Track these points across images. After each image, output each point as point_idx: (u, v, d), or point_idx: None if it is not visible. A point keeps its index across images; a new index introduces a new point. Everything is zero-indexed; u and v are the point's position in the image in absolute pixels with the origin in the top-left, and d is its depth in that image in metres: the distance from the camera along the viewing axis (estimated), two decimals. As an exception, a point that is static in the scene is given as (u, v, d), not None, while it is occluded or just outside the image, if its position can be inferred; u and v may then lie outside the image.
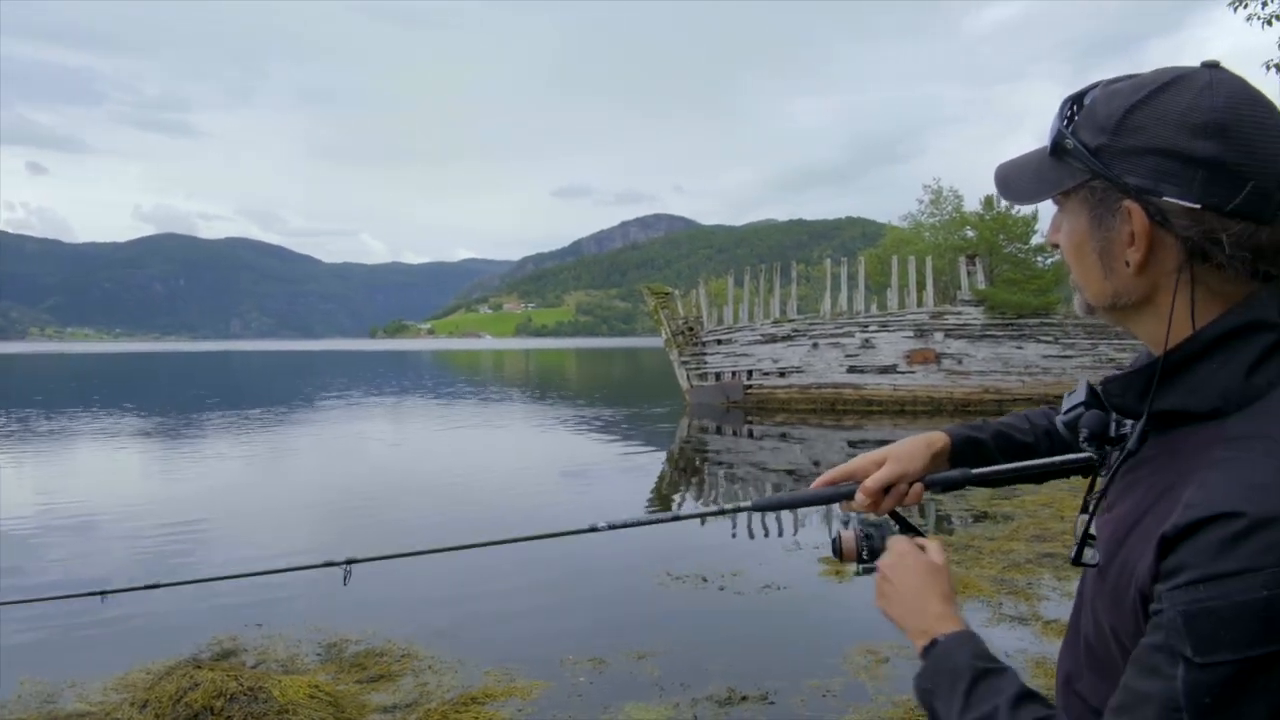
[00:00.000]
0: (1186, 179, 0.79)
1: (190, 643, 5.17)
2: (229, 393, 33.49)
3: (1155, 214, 0.81)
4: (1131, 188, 0.82)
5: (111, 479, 12.57)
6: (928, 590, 1.04)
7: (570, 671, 4.67)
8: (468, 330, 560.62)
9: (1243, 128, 0.79)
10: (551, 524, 6.31)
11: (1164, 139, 0.80)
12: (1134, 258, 0.84)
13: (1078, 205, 0.89)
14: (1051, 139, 0.90)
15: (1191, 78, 0.82)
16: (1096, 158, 0.84)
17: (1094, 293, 0.91)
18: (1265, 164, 0.78)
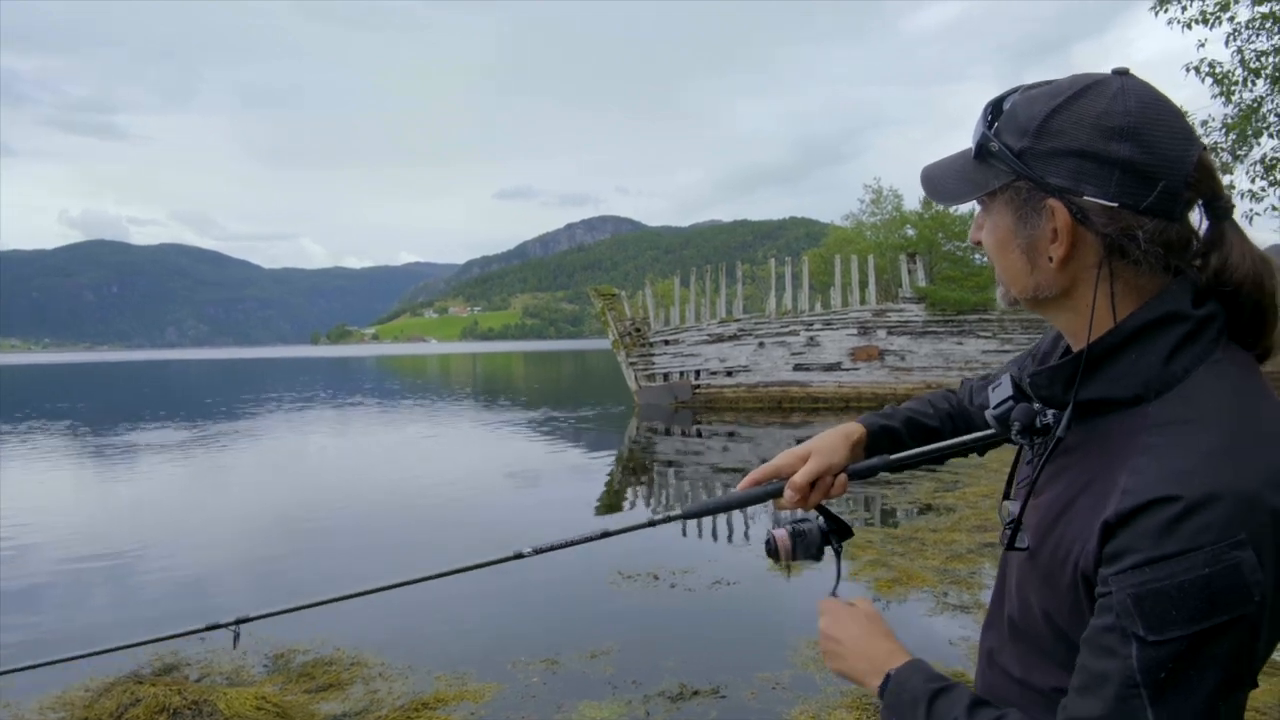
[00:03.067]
0: (1104, 179, 0.85)
1: (130, 658, 5.02)
2: (160, 403, 32.51)
3: (1076, 212, 0.87)
4: (1054, 188, 0.87)
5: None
6: (871, 636, 1.09)
7: (523, 673, 4.67)
8: (413, 335, 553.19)
9: (1152, 131, 0.84)
10: (494, 536, 6.36)
11: (1082, 142, 0.86)
12: (1057, 253, 0.89)
13: (1002, 205, 0.94)
14: (976, 142, 0.95)
15: (1104, 84, 0.88)
16: (1020, 160, 0.89)
17: (1018, 287, 0.96)
18: (1173, 165, 0.84)
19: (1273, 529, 0.75)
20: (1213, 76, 9.73)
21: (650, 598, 6.05)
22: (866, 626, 1.11)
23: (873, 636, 1.09)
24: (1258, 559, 0.74)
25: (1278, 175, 9.75)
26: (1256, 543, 0.74)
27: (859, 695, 4.13)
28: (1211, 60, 9.82)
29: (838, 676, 1.12)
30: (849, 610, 1.13)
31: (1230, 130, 9.59)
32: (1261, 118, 9.51)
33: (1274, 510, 0.75)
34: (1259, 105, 9.53)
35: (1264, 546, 0.74)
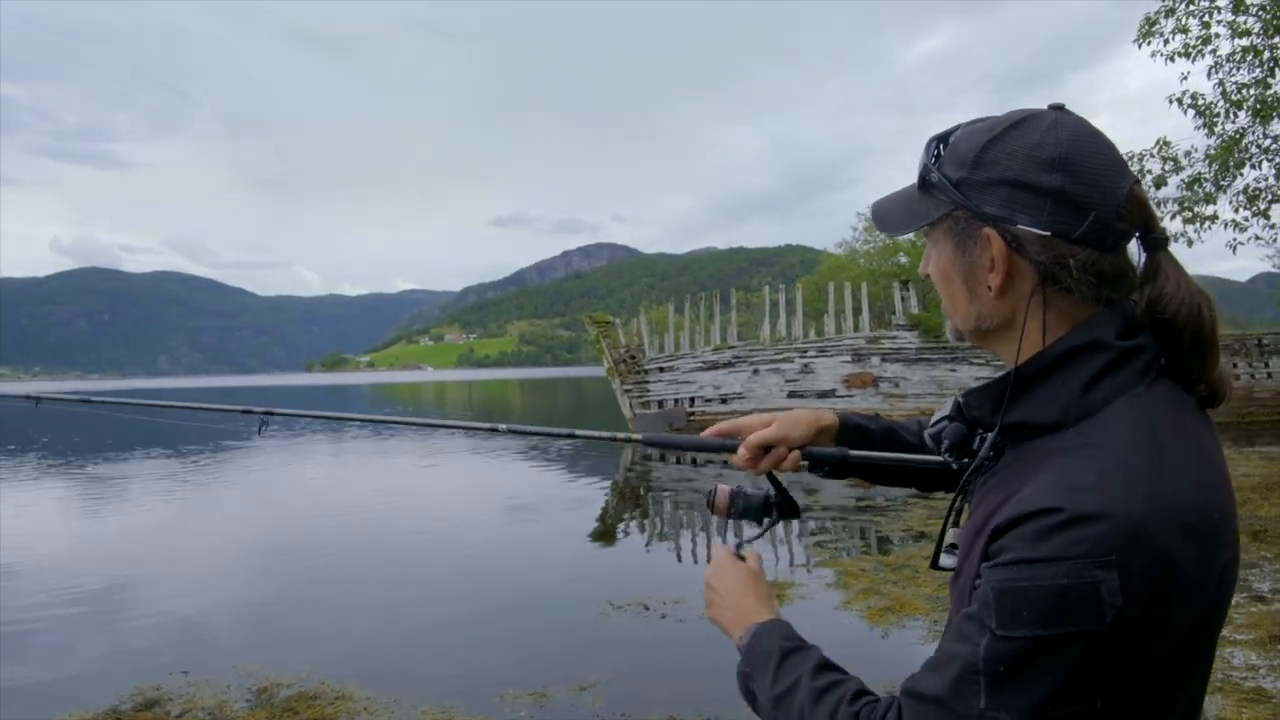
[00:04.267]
0: (1037, 208, 0.87)
1: (111, 692, 4.96)
2: (151, 432, 32.39)
3: (1011, 240, 0.89)
4: (990, 216, 0.90)
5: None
6: (745, 591, 1.14)
7: (510, 706, 4.62)
8: (408, 362, 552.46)
9: (1084, 163, 0.87)
10: (494, 556, 6.30)
11: (1016, 172, 0.88)
12: (994, 281, 0.92)
13: (943, 235, 0.97)
14: (919, 174, 0.98)
15: (1039, 117, 0.90)
16: (958, 190, 0.92)
17: (961, 317, 0.99)
18: (1104, 196, 0.86)
19: (1147, 559, 0.75)
20: (1195, 108, 9.90)
21: (640, 628, 6.01)
22: (745, 582, 1.15)
23: (747, 593, 1.13)
24: (1120, 583, 0.74)
25: (1260, 205, 9.88)
26: (1124, 568, 0.75)
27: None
28: (1194, 92, 10.00)
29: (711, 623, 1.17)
30: (734, 564, 1.18)
31: (1213, 161, 9.73)
32: (1244, 149, 9.66)
33: (1153, 541, 0.76)
34: (1241, 137, 9.68)
35: (1132, 573, 0.75)
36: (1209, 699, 4.21)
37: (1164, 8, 9.94)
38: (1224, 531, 0.82)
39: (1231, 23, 9.68)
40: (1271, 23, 9.22)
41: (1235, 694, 4.26)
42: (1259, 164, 9.80)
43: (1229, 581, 0.84)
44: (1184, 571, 0.77)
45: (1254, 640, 5.03)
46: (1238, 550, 0.85)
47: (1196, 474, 0.82)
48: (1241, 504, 9.03)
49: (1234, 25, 9.62)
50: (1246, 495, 9.49)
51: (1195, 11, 9.82)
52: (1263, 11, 9.28)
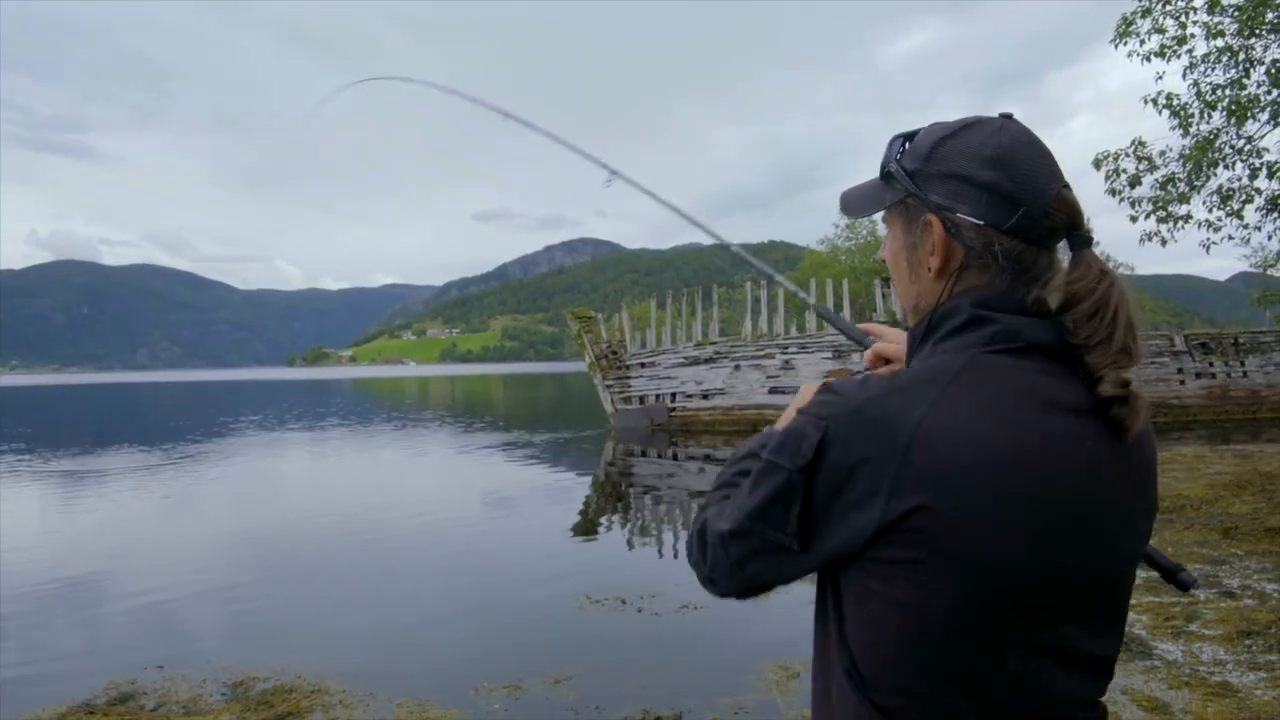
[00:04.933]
0: (974, 199, 0.98)
1: (84, 687, 4.93)
2: (129, 427, 32.07)
3: (950, 226, 1.00)
4: (934, 204, 1.01)
5: (3, 519, 11.88)
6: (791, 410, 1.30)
7: (485, 699, 4.63)
8: (391, 357, 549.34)
9: (1019, 164, 0.97)
10: (473, 551, 6.29)
11: (959, 166, 0.99)
12: (933, 263, 1.02)
13: (895, 219, 1.08)
14: (881, 166, 1.09)
15: (987, 122, 1.02)
16: (911, 179, 1.03)
17: (905, 296, 1.09)
18: (1034, 195, 0.97)
19: (846, 434, 0.90)
20: (1169, 109, 9.99)
21: (617, 622, 6.03)
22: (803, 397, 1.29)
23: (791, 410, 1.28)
24: (819, 441, 0.91)
25: (1233, 205, 10.00)
26: (830, 431, 0.91)
27: (820, 719, 4.14)
28: (1169, 93, 10.09)
29: None
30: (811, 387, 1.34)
31: (1187, 161, 9.83)
32: (1217, 149, 9.77)
33: (859, 418, 0.90)
34: (1215, 137, 9.78)
35: (831, 437, 0.91)
36: (1175, 693, 4.29)
37: (1141, 8, 10.02)
38: (942, 468, 0.88)
39: (1207, 23, 9.78)
40: (1247, 23, 9.33)
41: (1202, 688, 4.33)
42: (1232, 164, 9.89)
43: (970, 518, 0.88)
44: (870, 466, 0.89)
45: (1221, 635, 5.11)
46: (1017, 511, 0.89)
47: (965, 419, 0.90)
48: (1213, 501, 9.17)
49: (1209, 26, 9.72)
50: (1219, 493, 9.62)
51: (1172, 12, 9.91)
52: (1238, 12, 9.38)
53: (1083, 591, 0.94)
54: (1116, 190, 10.35)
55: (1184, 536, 7.73)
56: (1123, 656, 4.81)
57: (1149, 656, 4.82)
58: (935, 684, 0.91)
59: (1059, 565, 0.91)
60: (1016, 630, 0.91)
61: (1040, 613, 0.91)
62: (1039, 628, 0.92)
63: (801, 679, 4.71)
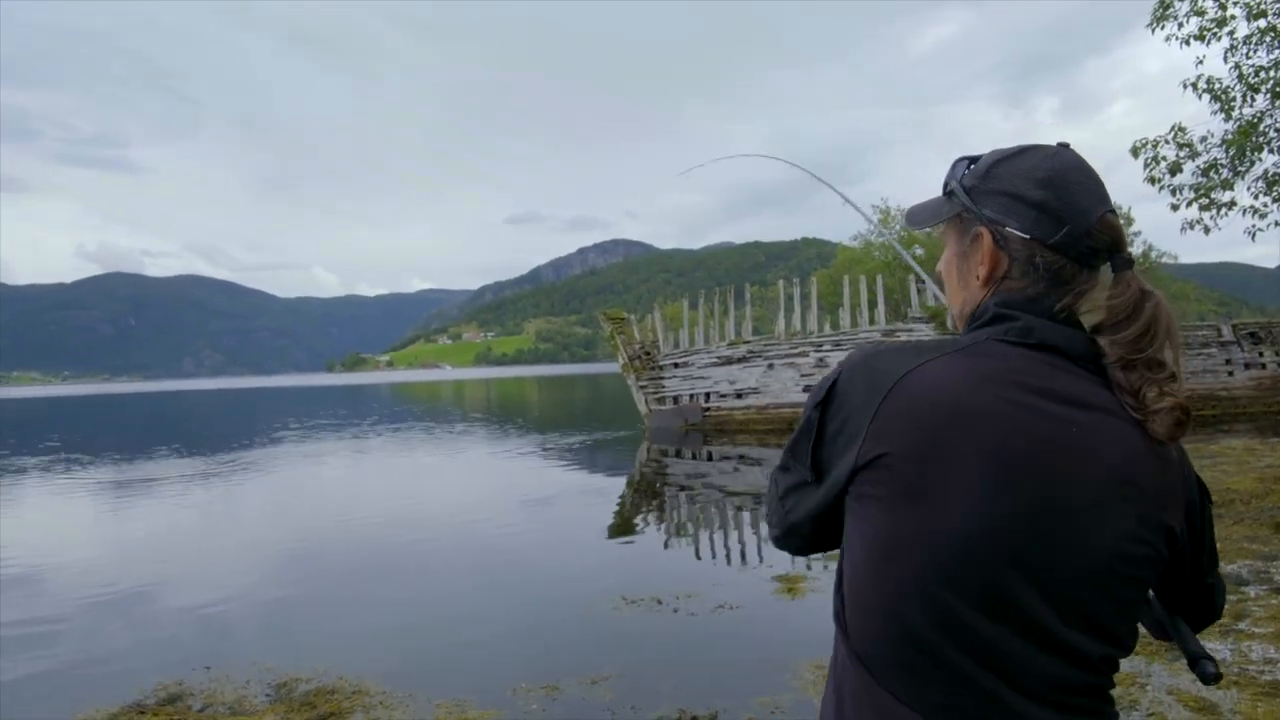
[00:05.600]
0: (1023, 215, 1.07)
1: (135, 688, 5.06)
2: (179, 434, 32.79)
3: (999, 239, 1.10)
4: (987, 218, 1.11)
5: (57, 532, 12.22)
6: None
7: (523, 700, 4.67)
8: (427, 361, 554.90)
9: (1068, 186, 1.07)
10: (509, 552, 6.37)
11: (1013, 185, 1.09)
12: (981, 272, 1.12)
13: (952, 232, 1.19)
14: (944, 183, 1.20)
15: (1043, 148, 1.12)
16: (969, 195, 1.13)
17: (956, 302, 1.19)
18: (1080, 215, 1.05)
19: (850, 380, 1.05)
20: (1210, 93, 9.73)
21: (653, 622, 6.04)
22: None
23: None
24: (833, 384, 1.07)
25: (1279, 191, 9.72)
26: (842, 376, 1.06)
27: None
28: (1210, 76, 9.83)
29: None
30: None
31: (1230, 146, 9.57)
32: (1262, 133, 9.49)
33: (861, 369, 1.05)
34: (1259, 121, 9.51)
35: (842, 382, 1.06)
36: (1223, 693, 4.18)
37: (1179, -11, 9.77)
38: (911, 420, 0.98)
39: (1248, 4, 9.52)
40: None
41: (1251, 687, 4.22)
42: (1277, 148, 9.63)
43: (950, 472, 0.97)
44: (860, 408, 1.01)
45: (1272, 633, 4.98)
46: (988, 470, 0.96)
47: (942, 378, 1.00)
48: (1264, 495, 8.94)
49: (1250, 6, 9.46)
50: (1270, 486, 9.37)
51: (1211, -8, 9.64)
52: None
53: (1045, 571, 0.96)
54: (1156, 178, 10.12)
55: (1233, 531, 7.54)
56: (1168, 655, 4.70)
57: (1196, 654, 4.71)
58: (898, 633, 0.97)
59: (1015, 531, 0.95)
60: (970, 586, 0.95)
61: (995, 575, 0.95)
62: (995, 593, 0.95)
63: (838, 679, 4.68)
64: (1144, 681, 4.41)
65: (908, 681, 0.97)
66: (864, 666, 1.00)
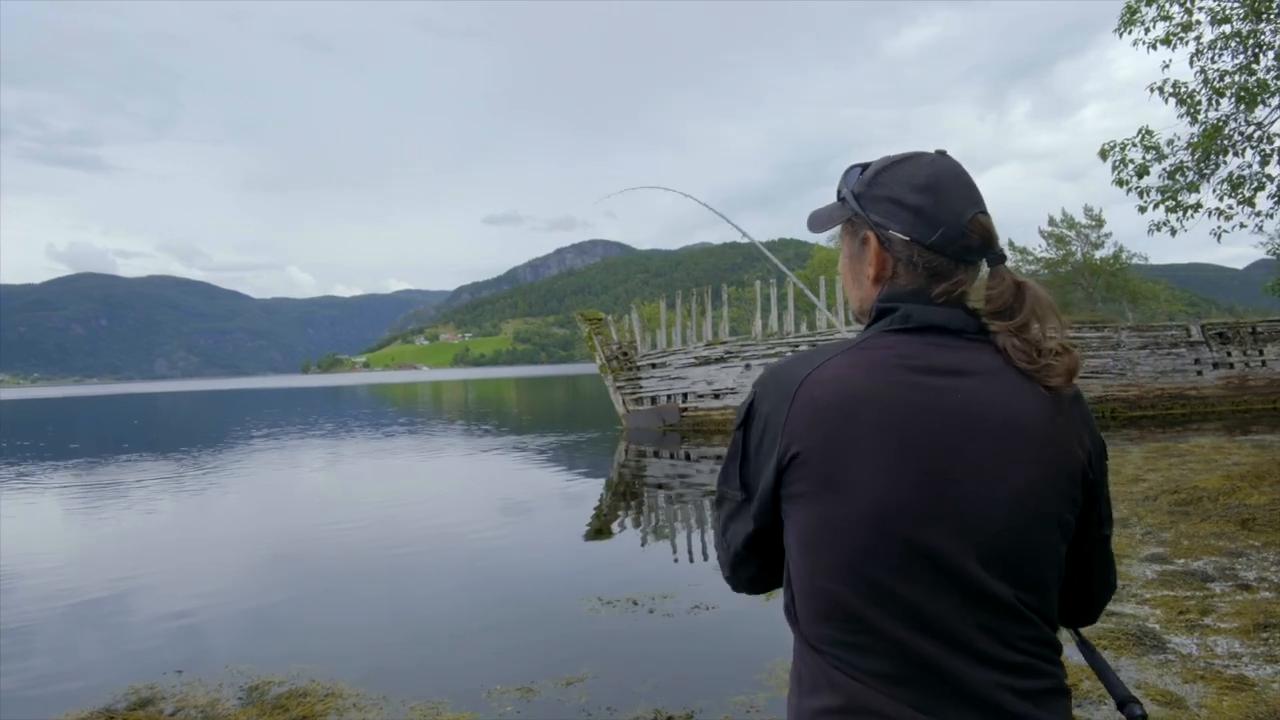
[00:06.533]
0: (903, 219, 1.17)
1: (106, 692, 5.00)
2: (149, 436, 32.35)
3: (885, 241, 1.19)
4: (873, 222, 1.20)
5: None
6: None
7: (497, 701, 4.66)
8: (404, 362, 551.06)
9: (942, 191, 1.16)
10: (486, 554, 6.33)
11: (894, 191, 1.18)
12: (870, 271, 1.22)
13: (845, 235, 1.29)
14: (837, 190, 1.29)
15: (923, 156, 1.21)
16: (857, 201, 1.23)
17: (852, 299, 1.28)
18: (952, 217, 1.15)
19: (762, 394, 1.15)
20: (1176, 97, 9.88)
21: (628, 623, 6.05)
22: None
23: None
24: (749, 405, 1.17)
25: (1244, 193, 9.88)
26: (757, 397, 1.16)
27: (832, 716, 4.13)
28: (1176, 81, 9.98)
29: None
30: None
31: (1195, 149, 9.72)
32: (1226, 136, 9.66)
33: (770, 380, 1.15)
34: (1223, 124, 9.68)
35: (758, 399, 1.16)
36: (1189, 687, 4.26)
37: (1145, -6, 9.90)
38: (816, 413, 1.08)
39: (1213, 9, 9.67)
40: (1255, 8, 9.22)
41: (1217, 682, 4.30)
42: (1243, 151, 9.77)
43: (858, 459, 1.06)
44: (773, 415, 1.11)
45: (1237, 629, 5.07)
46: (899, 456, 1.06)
47: (838, 372, 1.10)
48: (1231, 492, 9.08)
49: (1215, 12, 9.61)
50: (1236, 484, 9.52)
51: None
52: (1245, -4, 9.26)
53: (960, 529, 1.04)
54: (1124, 180, 10.26)
55: (1200, 529, 7.67)
56: (1136, 650, 4.78)
57: (1163, 650, 4.79)
58: (837, 612, 1.05)
59: (923, 499, 1.04)
60: (891, 558, 1.03)
61: (911, 542, 1.03)
62: (915, 558, 1.03)
63: (813, 676, 4.71)
64: (1112, 676, 4.48)
65: (855, 656, 1.04)
66: (814, 649, 1.08)
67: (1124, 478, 10.69)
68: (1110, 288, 41.55)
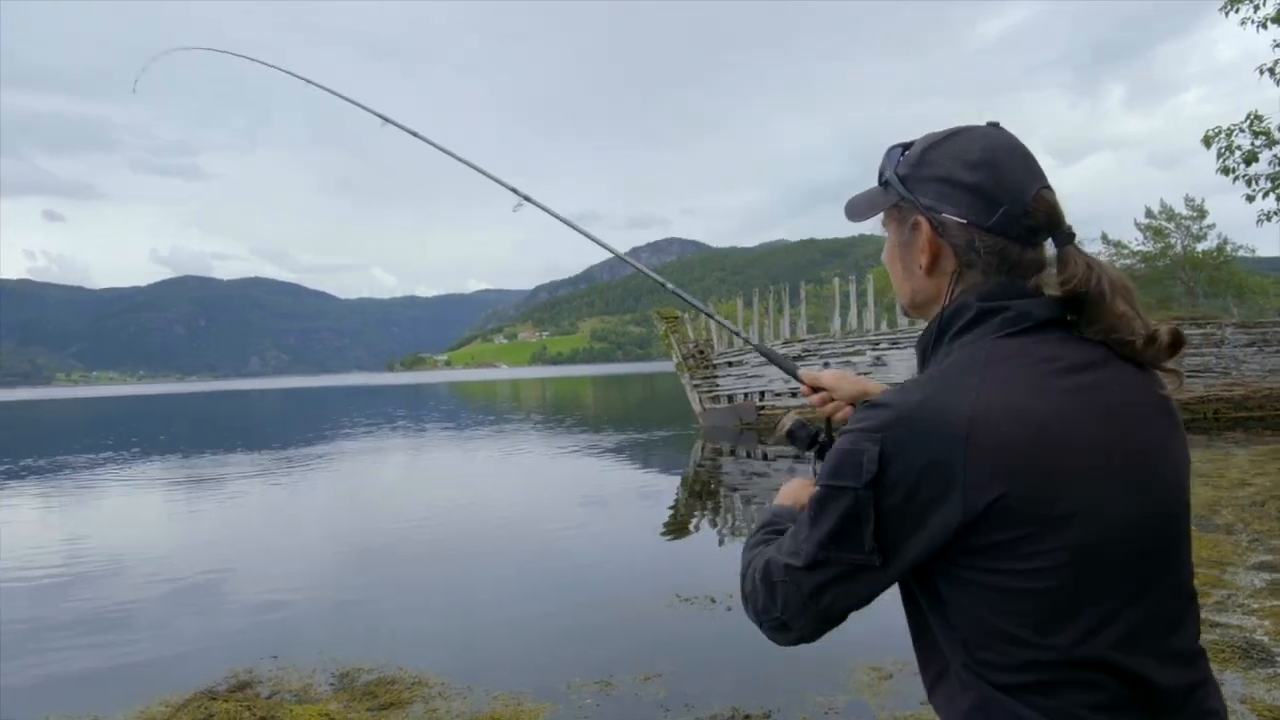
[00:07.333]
0: (958, 200, 1.05)
1: (207, 675, 5.26)
2: (249, 431, 33.83)
3: (938, 226, 1.08)
4: (923, 206, 1.08)
5: (139, 525, 12.74)
6: (790, 495, 1.40)
7: (577, 694, 4.72)
8: (484, 360, 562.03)
9: (999, 167, 1.04)
10: (565, 550, 6.42)
11: (946, 169, 1.07)
12: (923, 260, 1.10)
13: (891, 223, 1.17)
14: (879, 173, 1.17)
15: (973, 129, 1.09)
16: (903, 184, 1.11)
17: (902, 292, 1.17)
18: (1013, 195, 1.04)
19: (905, 440, 0.95)
20: (1287, 78, 9.32)
21: (707, 620, 6.04)
22: (799, 488, 1.41)
23: (789, 495, 1.40)
24: (879, 454, 0.95)
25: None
26: (886, 443, 0.95)
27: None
28: (1288, 61, 9.41)
29: None
30: (799, 480, 1.45)
31: (1309, 134, 9.17)
32: (1342, 118, 9.07)
33: (914, 424, 0.95)
34: (1339, 106, 9.09)
35: (889, 449, 0.95)
36: (1232, 675, 4.02)
37: (1254, -28, 9.37)
38: (1010, 452, 0.93)
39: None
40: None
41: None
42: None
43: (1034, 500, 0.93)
44: (938, 463, 0.93)
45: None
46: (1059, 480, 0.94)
47: (1006, 398, 0.95)
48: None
49: (1332, -12, 9.03)
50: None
51: (1289, -26, 9.22)
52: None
53: (1153, 529, 0.98)
54: (1230, 168, 9.73)
55: (1313, 536, 7.22)
56: (1242, 663, 4.54)
57: (1272, 664, 4.54)
58: (1053, 650, 0.93)
59: (1130, 506, 0.96)
60: (1115, 578, 0.95)
61: (1131, 556, 0.96)
62: (1133, 573, 0.96)
63: (895, 680, 4.64)
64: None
65: (1068, 695, 0.94)
66: (1011, 693, 0.96)
67: (1229, 481, 10.15)
68: (1213, 282, 39.44)
